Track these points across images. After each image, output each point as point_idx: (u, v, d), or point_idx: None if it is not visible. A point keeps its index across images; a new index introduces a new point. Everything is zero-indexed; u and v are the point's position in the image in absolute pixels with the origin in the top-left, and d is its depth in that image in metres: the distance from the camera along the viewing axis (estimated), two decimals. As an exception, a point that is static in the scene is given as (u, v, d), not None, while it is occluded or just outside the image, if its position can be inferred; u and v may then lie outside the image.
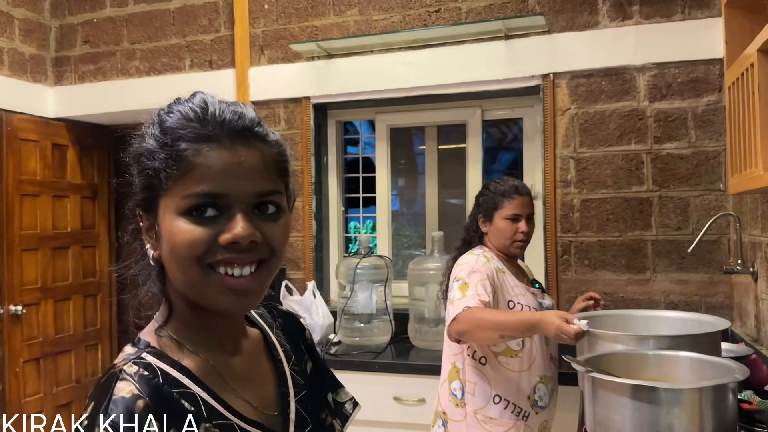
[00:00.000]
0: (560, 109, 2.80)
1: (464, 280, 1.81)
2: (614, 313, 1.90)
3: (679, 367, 1.24)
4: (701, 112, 2.64)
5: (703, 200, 2.64)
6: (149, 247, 0.76)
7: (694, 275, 2.65)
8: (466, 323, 1.70)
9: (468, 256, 1.96)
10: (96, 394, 0.70)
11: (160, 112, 0.77)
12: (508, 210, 1.97)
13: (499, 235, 1.98)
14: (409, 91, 3.01)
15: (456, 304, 1.76)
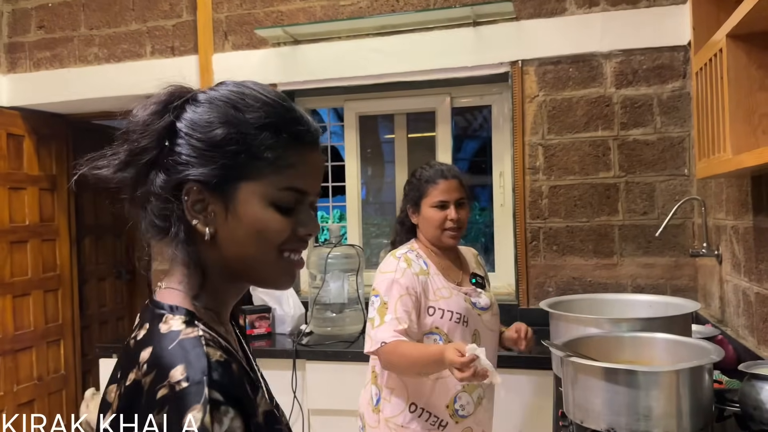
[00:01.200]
0: (528, 96, 2.81)
1: (382, 298, 1.69)
2: (583, 297, 1.92)
3: (655, 349, 1.25)
4: (666, 99, 2.68)
5: (669, 185, 2.69)
6: (198, 223, 0.78)
7: (659, 259, 2.70)
8: (385, 360, 1.65)
9: (389, 261, 1.78)
10: (184, 359, 0.69)
11: (270, 101, 0.80)
12: (434, 197, 1.78)
13: (428, 225, 1.80)
14: (378, 78, 2.98)
15: (374, 334, 1.65)
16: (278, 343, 2.68)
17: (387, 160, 4.23)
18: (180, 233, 0.78)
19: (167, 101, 0.81)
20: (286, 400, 2.49)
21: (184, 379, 0.67)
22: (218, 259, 0.80)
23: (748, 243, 1.92)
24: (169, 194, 0.77)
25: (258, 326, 2.73)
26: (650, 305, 1.68)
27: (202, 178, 0.76)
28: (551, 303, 1.68)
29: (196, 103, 0.80)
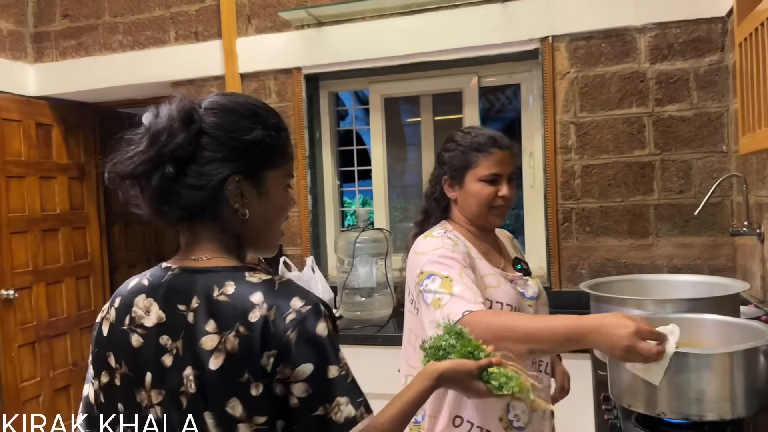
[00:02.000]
0: (559, 73, 2.74)
1: (440, 275, 1.35)
2: (623, 278, 1.86)
3: (704, 331, 1.20)
4: (703, 73, 2.58)
5: (706, 162, 2.60)
6: (239, 206, 0.96)
7: (696, 238, 2.63)
8: (477, 336, 1.14)
9: (429, 241, 1.46)
10: (297, 293, 0.92)
11: (273, 109, 1.03)
12: (485, 168, 1.48)
13: (472, 201, 1.50)
14: (403, 59, 2.93)
15: (447, 308, 1.27)
16: (308, 327, 2.67)
17: (409, 143, 4.17)
18: (225, 215, 0.96)
19: (191, 108, 0.94)
20: (317, 385, 2.48)
21: (304, 305, 0.89)
22: (250, 233, 0.99)
23: (794, 220, 1.85)
24: (215, 185, 0.93)
25: (288, 311, 2.72)
26: (693, 286, 1.62)
27: (240, 170, 0.95)
28: (591, 285, 1.63)
29: (217, 110, 0.96)
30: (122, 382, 0.94)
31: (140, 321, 0.93)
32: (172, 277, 0.94)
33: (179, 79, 3.26)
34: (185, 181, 0.92)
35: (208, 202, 0.93)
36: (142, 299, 0.95)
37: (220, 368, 0.85)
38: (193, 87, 3.26)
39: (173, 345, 0.89)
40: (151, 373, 0.90)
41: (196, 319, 0.89)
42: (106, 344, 0.97)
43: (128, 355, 0.93)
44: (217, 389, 0.86)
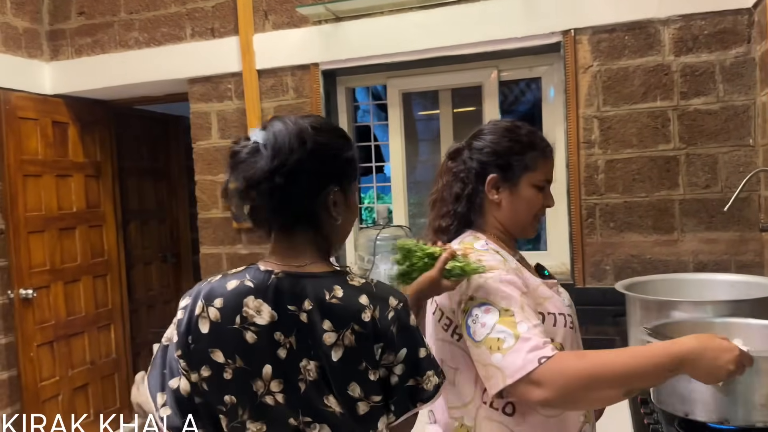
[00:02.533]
0: (582, 66, 2.69)
1: (498, 305, 1.13)
2: (659, 278, 1.83)
3: (750, 335, 1.17)
4: (729, 65, 2.53)
5: (732, 156, 2.56)
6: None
7: (723, 234, 2.58)
8: (564, 387, 1.01)
9: (475, 255, 1.24)
10: (390, 291, 1.09)
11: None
12: (541, 173, 1.31)
13: (523, 209, 1.30)
14: (422, 53, 2.90)
15: (514, 354, 1.06)
16: (329, 326, 2.65)
17: (421, 139, 4.13)
18: (322, 221, 1.12)
19: (303, 128, 1.10)
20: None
21: (398, 302, 1.07)
22: (338, 237, 1.18)
23: (830, 216, 1.80)
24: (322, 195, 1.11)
25: (308, 310, 2.70)
26: (732, 285, 1.59)
27: (338, 183, 1.14)
28: (626, 285, 1.60)
29: (322, 131, 1.13)
30: (234, 374, 1.06)
31: (252, 320, 1.06)
32: (277, 280, 1.07)
33: (196, 76, 3.24)
34: (297, 191, 1.06)
35: (313, 210, 1.09)
36: (251, 300, 1.06)
37: (341, 360, 1.03)
38: (210, 84, 3.24)
39: (286, 340, 1.05)
40: (270, 365, 1.05)
41: (310, 319, 1.04)
42: (210, 341, 1.07)
43: (243, 351, 1.06)
44: (340, 376, 1.04)
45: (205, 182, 3.31)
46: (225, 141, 3.24)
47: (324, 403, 1.04)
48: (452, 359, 1.25)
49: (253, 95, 3.14)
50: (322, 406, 1.04)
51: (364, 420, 1.05)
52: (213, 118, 3.27)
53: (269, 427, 1.07)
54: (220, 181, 3.27)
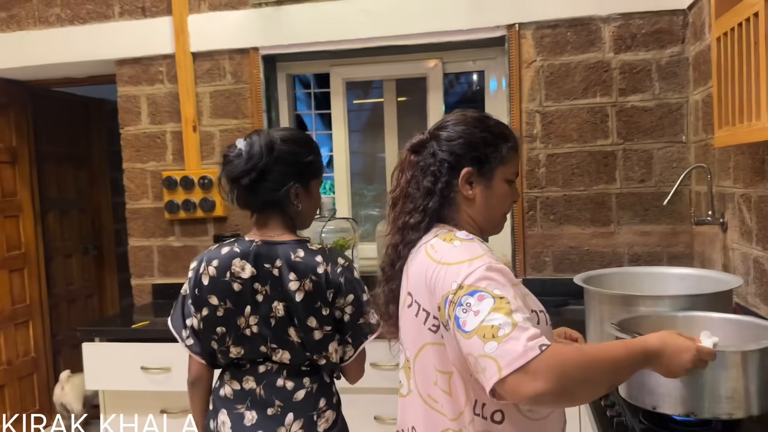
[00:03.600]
0: (526, 61, 2.72)
1: (490, 292, 1.03)
2: (612, 271, 1.86)
3: (712, 328, 1.21)
4: (665, 64, 2.63)
5: (666, 153, 2.66)
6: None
7: (656, 227, 2.69)
8: (563, 377, 0.95)
9: (464, 244, 1.14)
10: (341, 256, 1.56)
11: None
12: (513, 167, 1.26)
13: (496, 203, 1.24)
14: (366, 41, 2.84)
15: (511, 342, 0.97)
16: (271, 321, 2.57)
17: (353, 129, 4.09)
18: (287, 207, 1.53)
19: (272, 140, 1.52)
20: (285, 381, 2.40)
21: (345, 261, 1.53)
22: (301, 219, 1.59)
23: (763, 212, 1.90)
24: (284, 189, 1.52)
25: (250, 304, 2.62)
26: (682, 279, 1.64)
27: (298, 181, 1.55)
28: (584, 278, 1.63)
29: (287, 141, 1.54)
30: (224, 313, 1.49)
31: (238, 274, 1.48)
32: (257, 247, 1.49)
33: (124, 57, 3.05)
34: (266, 185, 1.47)
35: (278, 198, 1.49)
36: (238, 261, 1.48)
37: (302, 300, 1.46)
38: (140, 66, 3.06)
39: (263, 288, 1.47)
40: (249, 306, 1.48)
41: (281, 272, 1.47)
42: (208, 290, 1.50)
43: (231, 296, 1.49)
44: (302, 312, 1.46)
45: (135, 170, 3.13)
46: (156, 126, 3.08)
47: (288, 334, 1.48)
48: (443, 364, 1.14)
49: (187, 79, 2.99)
50: (285, 336, 1.48)
51: (318, 344, 1.49)
52: (143, 102, 3.09)
53: (246, 352, 1.51)
54: (151, 169, 3.10)
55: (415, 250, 1.22)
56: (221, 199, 2.96)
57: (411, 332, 1.20)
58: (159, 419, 2.50)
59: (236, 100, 2.99)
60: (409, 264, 1.22)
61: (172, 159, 3.07)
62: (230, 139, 3.00)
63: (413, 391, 1.22)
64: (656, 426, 1.18)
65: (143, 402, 2.51)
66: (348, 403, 2.38)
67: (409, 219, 1.24)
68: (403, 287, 1.25)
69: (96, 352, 2.50)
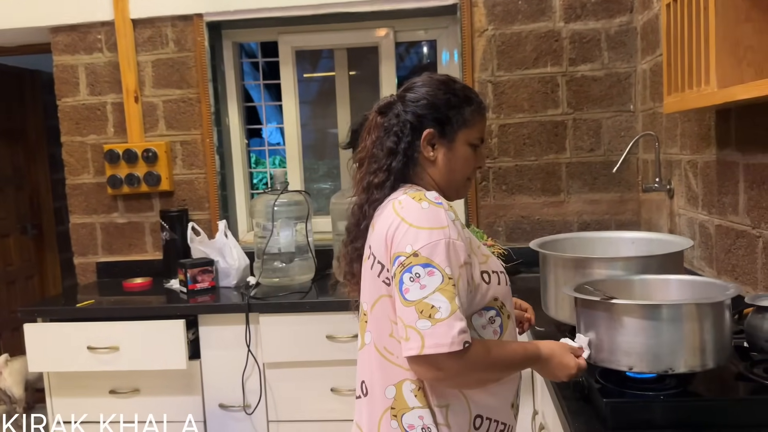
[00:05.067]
0: (478, 30, 2.71)
1: (441, 270, 1.07)
2: (567, 236, 1.88)
3: (668, 290, 1.24)
4: (614, 33, 2.66)
5: (615, 122, 2.71)
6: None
7: (605, 195, 2.75)
8: (464, 374, 1.08)
9: (431, 207, 1.13)
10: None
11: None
12: (477, 131, 1.25)
13: (458, 167, 1.23)
14: (315, 8, 2.77)
15: (443, 327, 1.03)
16: (223, 297, 2.52)
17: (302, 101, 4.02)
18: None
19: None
20: (240, 355, 2.36)
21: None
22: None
23: (709, 177, 1.95)
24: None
25: (201, 280, 2.54)
26: (632, 242, 1.67)
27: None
28: (539, 243, 1.64)
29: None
30: None
31: None
32: None
33: (59, 24, 2.89)
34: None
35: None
36: None
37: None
38: (77, 34, 2.90)
39: None
40: None
41: None
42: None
43: None
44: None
45: (74, 144, 2.98)
46: (95, 98, 2.93)
47: None
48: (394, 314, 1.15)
49: (128, 47, 2.86)
50: None
51: None
52: (81, 72, 2.94)
53: None
54: (91, 142, 2.96)
55: (380, 207, 1.23)
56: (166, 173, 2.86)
57: (367, 284, 1.22)
58: (108, 399, 2.43)
59: (180, 69, 2.88)
60: (375, 221, 1.23)
61: (114, 132, 2.94)
62: (174, 109, 2.89)
63: (367, 344, 1.23)
64: (614, 385, 1.20)
65: (91, 383, 2.43)
66: (304, 375, 2.37)
67: (373, 179, 1.24)
68: (366, 243, 1.25)
69: (39, 332, 2.39)
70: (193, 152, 2.90)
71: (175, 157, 2.90)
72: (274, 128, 3.94)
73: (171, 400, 2.41)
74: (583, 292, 1.20)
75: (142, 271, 2.88)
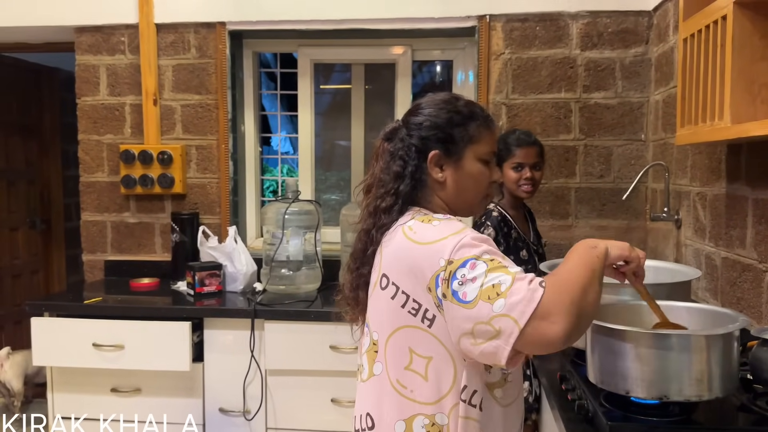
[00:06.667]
0: (495, 53, 2.75)
1: (481, 257, 1.04)
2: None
3: (677, 317, 1.25)
4: (629, 63, 2.70)
5: (625, 150, 2.74)
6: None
7: (612, 221, 2.77)
8: (568, 306, 0.97)
9: (441, 224, 1.13)
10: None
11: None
12: (486, 144, 1.24)
13: (470, 185, 1.23)
14: (336, 23, 2.82)
15: (516, 291, 0.98)
16: (230, 301, 2.54)
17: (317, 112, 4.08)
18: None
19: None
20: (242, 360, 2.37)
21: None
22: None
23: (717, 209, 1.98)
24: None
25: (208, 284, 2.57)
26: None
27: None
28: (548, 266, 1.66)
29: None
30: None
31: None
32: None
33: (84, 25, 2.94)
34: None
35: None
36: None
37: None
38: (101, 35, 2.95)
39: None
40: None
41: None
42: None
43: None
44: None
45: (90, 142, 3.02)
46: (114, 98, 2.98)
47: None
48: (423, 348, 1.11)
49: (150, 50, 2.90)
50: None
51: None
52: (102, 72, 2.98)
53: None
54: (107, 141, 3.00)
55: (389, 233, 1.19)
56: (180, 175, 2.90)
57: (386, 315, 1.16)
58: (109, 398, 2.44)
59: (200, 75, 2.92)
60: (384, 247, 1.19)
61: (131, 132, 2.98)
62: (192, 114, 2.93)
63: (377, 375, 1.19)
64: (617, 408, 1.22)
65: (93, 380, 2.44)
66: (306, 384, 2.38)
67: (381, 203, 1.22)
68: (375, 270, 1.21)
69: (45, 327, 2.41)
70: (208, 157, 2.94)
71: (189, 160, 2.94)
72: (284, 137, 3.99)
73: (172, 402, 2.43)
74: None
75: (150, 272, 2.91)
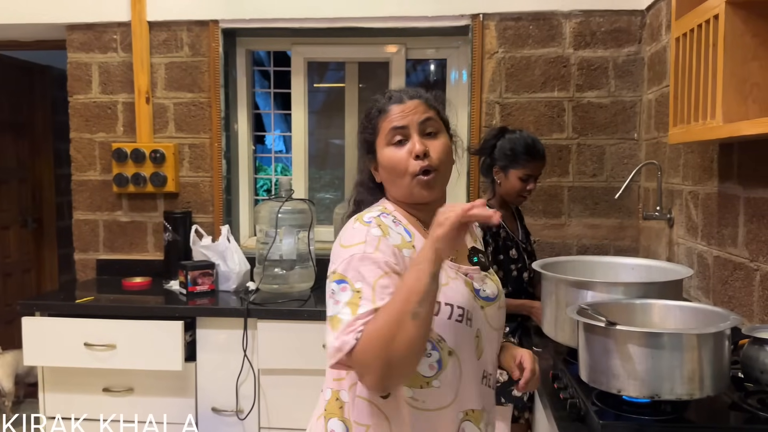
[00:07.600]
0: (488, 52, 2.75)
1: (351, 284, 1.06)
2: (570, 259, 1.91)
3: (669, 315, 1.26)
4: (621, 63, 2.71)
5: (618, 149, 2.75)
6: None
7: (605, 220, 2.78)
8: (376, 354, 0.98)
9: (354, 229, 1.14)
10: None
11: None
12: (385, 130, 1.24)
13: (389, 174, 1.22)
14: (330, 21, 2.81)
15: (341, 334, 1.02)
16: (222, 300, 2.53)
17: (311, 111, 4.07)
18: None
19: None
20: (235, 360, 2.37)
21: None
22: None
23: (709, 208, 1.99)
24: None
25: (201, 283, 2.56)
26: (632, 268, 1.70)
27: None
28: (541, 264, 1.66)
29: None
30: None
31: None
32: None
33: (76, 23, 2.92)
34: None
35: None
36: None
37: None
38: (93, 32, 2.93)
39: None
40: None
41: None
42: None
43: None
44: None
45: (82, 141, 3.00)
46: (106, 96, 2.96)
47: None
48: None
49: (142, 49, 2.89)
50: None
51: None
52: (94, 70, 2.97)
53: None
54: (99, 140, 2.98)
55: None
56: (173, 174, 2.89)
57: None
58: (101, 397, 2.43)
59: (193, 74, 2.91)
60: None
61: (123, 131, 2.96)
62: (185, 112, 2.92)
63: None
64: (609, 407, 1.22)
65: (85, 380, 2.43)
66: (299, 383, 2.38)
67: (355, 194, 1.33)
68: None
69: (36, 326, 2.40)
70: (201, 155, 2.93)
71: (182, 159, 2.93)
72: (278, 136, 3.97)
73: (164, 401, 2.42)
74: (584, 315, 1.22)
75: (142, 271, 2.90)
